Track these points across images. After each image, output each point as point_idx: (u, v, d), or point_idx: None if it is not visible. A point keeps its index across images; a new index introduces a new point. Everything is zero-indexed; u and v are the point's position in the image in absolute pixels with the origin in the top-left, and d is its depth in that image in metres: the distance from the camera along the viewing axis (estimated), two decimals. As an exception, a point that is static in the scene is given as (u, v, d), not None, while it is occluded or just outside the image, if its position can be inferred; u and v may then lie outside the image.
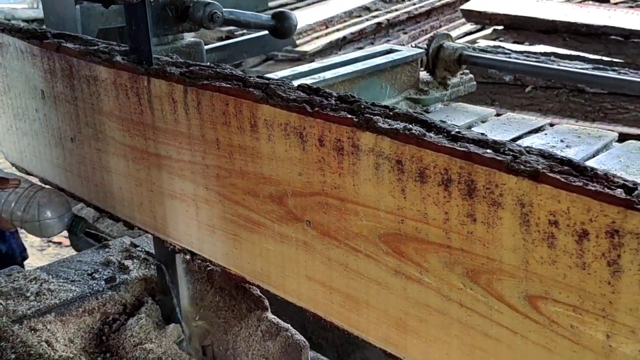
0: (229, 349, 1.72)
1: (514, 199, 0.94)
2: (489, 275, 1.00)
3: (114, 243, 2.04)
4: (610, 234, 0.86)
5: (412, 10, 6.88)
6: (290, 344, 1.59)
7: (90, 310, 1.79)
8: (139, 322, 1.77)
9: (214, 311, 1.76)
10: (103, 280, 1.85)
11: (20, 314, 1.69)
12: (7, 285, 1.81)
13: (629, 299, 0.86)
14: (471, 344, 1.06)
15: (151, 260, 1.88)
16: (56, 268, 1.92)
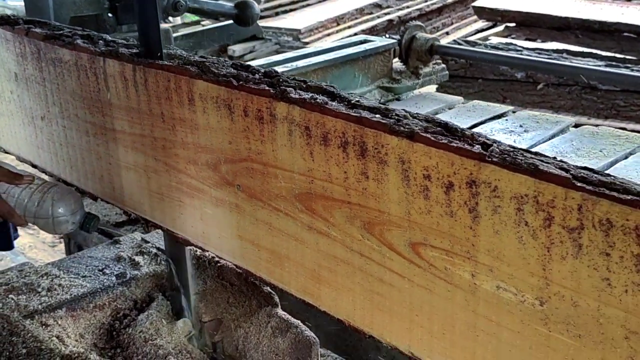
0: (239, 344, 1.74)
1: (396, 157, 1.07)
2: (381, 227, 1.13)
3: (125, 239, 2.04)
4: (469, 184, 0.99)
5: (424, 7, 6.80)
6: (300, 340, 1.61)
7: (101, 305, 1.79)
8: (150, 317, 1.76)
9: (224, 307, 1.78)
10: (114, 276, 1.85)
11: (32, 309, 1.70)
12: (19, 281, 1.80)
13: (487, 241, 0.99)
14: (370, 290, 1.19)
15: (162, 256, 1.90)
16: (67, 264, 1.92)
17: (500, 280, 1.00)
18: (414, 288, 1.12)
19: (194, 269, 1.77)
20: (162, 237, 1.82)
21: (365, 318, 1.23)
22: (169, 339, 1.74)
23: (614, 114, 4.49)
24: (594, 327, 0.91)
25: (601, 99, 4.47)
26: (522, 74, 4.56)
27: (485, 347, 1.05)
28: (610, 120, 4.36)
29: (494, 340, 1.04)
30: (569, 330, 0.94)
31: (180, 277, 1.78)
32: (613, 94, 4.39)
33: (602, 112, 4.49)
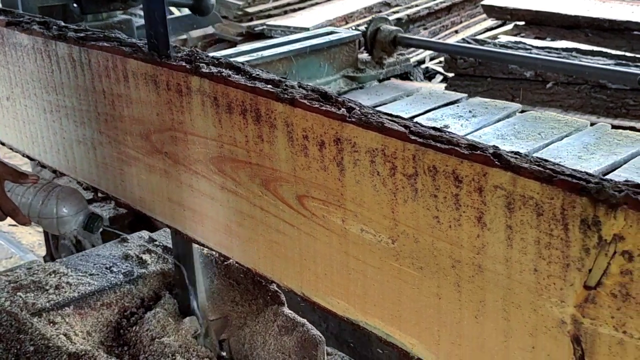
0: (246, 343, 1.77)
1: (282, 121, 1.24)
2: (274, 183, 1.31)
3: (132, 237, 2.06)
4: (336, 142, 1.16)
5: (433, 6, 6.75)
6: (306, 339, 1.63)
7: (108, 303, 1.81)
8: (157, 316, 1.77)
9: (231, 306, 1.80)
10: (121, 274, 1.86)
11: (39, 307, 1.70)
12: (27, 279, 1.81)
13: (351, 191, 1.17)
14: (270, 239, 1.37)
15: (169, 254, 1.91)
16: (75, 262, 1.93)
17: (363, 224, 1.17)
18: (301, 235, 1.29)
19: (201, 267, 1.79)
20: (169, 235, 1.83)
21: (267, 265, 1.40)
22: (175, 337, 1.75)
23: (623, 113, 4.43)
24: (431, 259, 1.08)
25: (611, 97, 4.39)
26: (531, 73, 4.48)
27: (356, 284, 1.22)
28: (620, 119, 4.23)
29: (361, 277, 1.21)
30: (414, 263, 1.11)
31: (187, 275, 1.79)
32: (623, 93, 4.24)
33: (612, 110, 4.36)
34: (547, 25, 5.15)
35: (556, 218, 0.91)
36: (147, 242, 1.99)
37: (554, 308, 0.95)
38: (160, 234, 2.03)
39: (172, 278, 1.87)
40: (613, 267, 0.87)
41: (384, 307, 1.19)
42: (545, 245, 0.93)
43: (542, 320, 0.97)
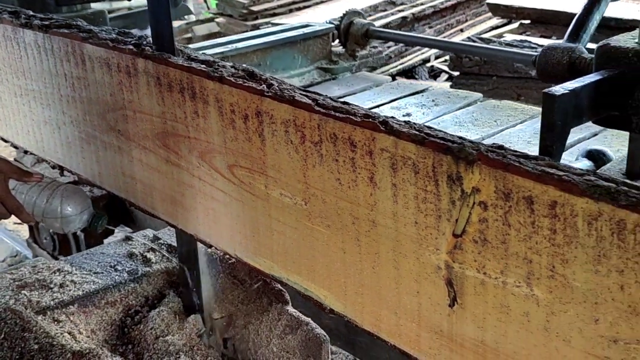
0: (250, 342, 1.77)
1: (214, 97, 1.38)
2: (209, 154, 1.44)
3: (137, 236, 2.07)
4: (257, 114, 1.30)
5: (438, 4, 6.70)
6: (310, 338, 1.64)
7: (112, 302, 1.81)
8: (161, 314, 1.78)
9: (235, 304, 1.81)
10: (126, 273, 1.87)
11: (44, 305, 1.71)
12: (32, 277, 1.82)
13: (271, 158, 1.30)
14: (207, 207, 1.50)
15: (173, 253, 1.93)
16: (79, 260, 1.94)
17: (281, 189, 1.30)
18: (232, 201, 1.43)
19: (205, 266, 1.80)
20: (174, 234, 1.84)
21: (206, 231, 1.54)
22: (179, 336, 1.76)
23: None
24: (336, 217, 1.22)
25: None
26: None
27: (278, 243, 1.36)
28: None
29: (282, 237, 1.34)
30: (323, 222, 1.25)
31: (191, 274, 1.80)
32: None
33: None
34: (552, 23, 5.12)
35: (429, 175, 1.04)
36: (152, 240, 2.02)
37: (432, 256, 1.08)
38: (164, 232, 2.04)
39: (176, 277, 1.88)
40: (473, 216, 1.01)
41: (301, 264, 1.32)
42: (422, 200, 1.07)
43: (423, 268, 1.11)
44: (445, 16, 6.89)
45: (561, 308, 0.94)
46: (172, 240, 1.92)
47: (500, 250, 0.99)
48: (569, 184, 0.89)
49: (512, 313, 1.00)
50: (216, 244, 1.52)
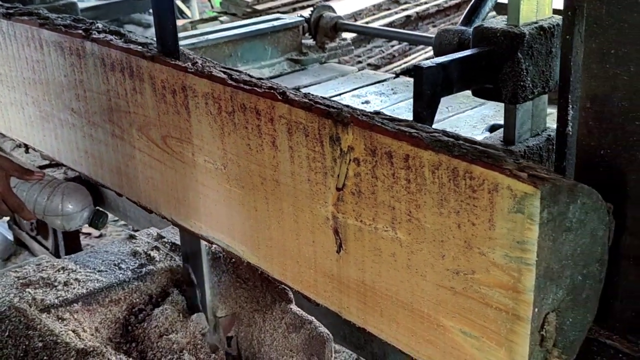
0: (253, 340, 1.80)
1: (148, 75, 1.54)
2: (146, 127, 1.60)
3: (141, 234, 2.08)
4: (182, 89, 1.46)
5: (442, 3, 6.69)
6: (314, 336, 1.65)
7: (116, 300, 1.81)
8: (164, 312, 1.79)
9: (239, 303, 1.83)
10: (130, 271, 1.87)
11: (48, 303, 1.72)
12: (36, 275, 1.82)
13: (195, 128, 1.46)
14: (146, 175, 1.66)
15: (177, 251, 1.94)
16: (84, 258, 1.95)
17: (205, 155, 1.46)
18: (167, 169, 1.59)
19: (209, 265, 1.82)
20: (177, 232, 1.86)
21: (147, 198, 1.70)
22: (183, 334, 1.77)
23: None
24: (248, 179, 1.38)
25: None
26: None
27: (204, 205, 1.52)
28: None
29: (207, 199, 1.50)
30: (238, 183, 1.41)
31: (195, 272, 1.81)
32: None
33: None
34: None
35: (316, 137, 1.20)
36: (155, 239, 2.03)
37: (322, 208, 1.24)
38: (168, 230, 2.06)
39: (180, 275, 1.90)
40: (350, 171, 1.17)
41: (223, 222, 1.49)
42: (312, 160, 1.23)
43: (316, 219, 1.27)
44: (449, 15, 6.85)
45: (417, 247, 1.10)
46: (176, 238, 1.95)
47: (371, 200, 1.15)
48: (417, 140, 1.05)
49: (383, 255, 1.17)
50: (156, 209, 1.69)
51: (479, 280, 1.03)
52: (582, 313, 1.07)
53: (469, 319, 1.07)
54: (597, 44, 1.09)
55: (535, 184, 0.93)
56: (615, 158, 1.12)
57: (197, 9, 8.67)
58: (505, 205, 0.96)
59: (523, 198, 0.94)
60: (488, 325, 1.04)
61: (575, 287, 1.05)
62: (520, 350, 1.01)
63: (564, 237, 0.99)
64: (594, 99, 1.12)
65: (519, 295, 0.99)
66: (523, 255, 0.96)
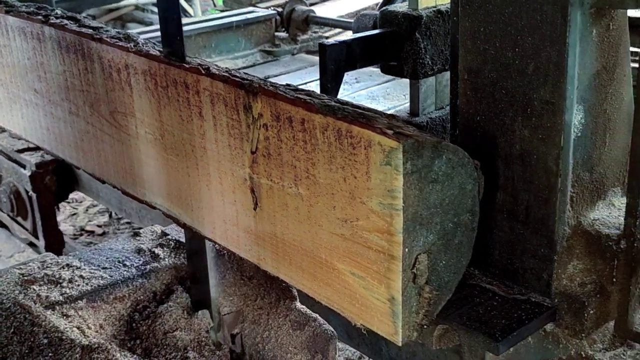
0: (258, 337, 1.81)
1: (98, 56, 1.69)
2: (97, 104, 1.76)
3: (145, 231, 2.08)
4: (125, 67, 1.61)
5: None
6: (318, 334, 1.66)
7: (121, 297, 1.81)
8: (169, 309, 1.79)
9: (243, 300, 1.84)
10: (134, 268, 1.87)
11: (53, 300, 1.72)
12: (40, 272, 1.83)
13: (137, 103, 1.62)
14: (98, 149, 1.82)
15: (181, 248, 1.94)
16: (88, 255, 1.95)
17: (146, 127, 1.62)
18: (115, 142, 1.75)
19: (213, 262, 1.82)
20: (182, 230, 1.85)
21: (100, 170, 1.85)
22: (188, 331, 1.77)
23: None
24: (181, 147, 1.54)
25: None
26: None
27: (147, 173, 1.68)
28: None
29: (149, 168, 1.66)
30: (173, 152, 1.56)
31: (199, 269, 1.83)
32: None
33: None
34: None
35: (233, 106, 1.36)
36: (160, 236, 2.04)
37: (240, 170, 1.40)
38: (173, 228, 2.06)
39: (184, 272, 1.91)
40: (260, 135, 1.33)
41: (162, 188, 1.65)
42: (231, 127, 1.39)
43: (236, 181, 1.43)
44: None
45: (315, 201, 1.26)
46: (180, 236, 1.96)
47: (278, 160, 1.31)
48: (310, 105, 1.21)
49: (289, 209, 1.32)
50: (107, 180, 1.84)
51: (362, 226, 1.19)
52: (455, 257, 1.23)
53: (356, 261, 1.22)
54: (469, 23, 1.24)
55: (399, 139, 1.09)
56: (488, 123, 1.28)
57: (200, 7, 8.81)
58: (378, 159, 1.12)
59: (390, 152, 1.10)
60: (370, 266, 1.20)
61: (447, 233, 1.20)
62: (396, 286, 1.17)
63: (430, 187, 1.14)
64: (470, 71, 1.27)
65: (391, 237, 1.14)
66: (393, 202, 1.12)
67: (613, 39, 1.22)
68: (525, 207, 1.28)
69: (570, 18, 1.13)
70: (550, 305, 1.29)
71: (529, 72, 1.19)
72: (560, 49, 1.15)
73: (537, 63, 1.18)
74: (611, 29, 1.21)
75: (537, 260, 1.29)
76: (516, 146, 1.25)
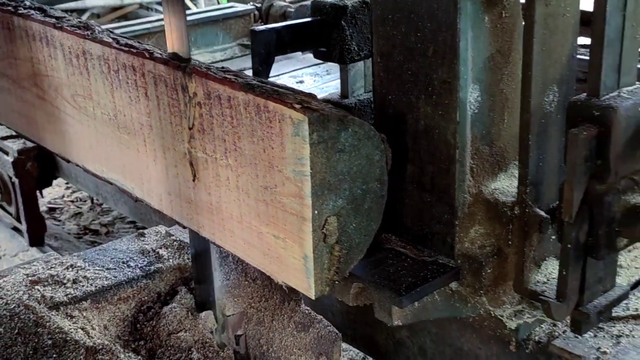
0: (262, 338, 1.82)
1: (59, 42, 1.84)
2: (60, 87, 1.90)
3: (149, 232, 2.08)
4: (83, 53, 1.75)
5: None
6: (322, 335, 1.67)
7: (125, 298, 1.82)
8: (173, 310, 1.80)
9: (248, 301, 1.84)
10: (138, 269, 1.87)
11: (57, 301, 1.72)
12: (45, 272, 1.83)
13: (94, 86, 1.76)
14: (63, 129, 1.96)
15: (185, 249, 1.95)
16: (92, 256, 1.96)
17: (102, 108, 1.77)
18: (76, 123, 1.89)
19: (217, 263, 1.83)
20: (186, 230, 1.83)
21: (65, 150, 2.00)
22: (192, 332, 1.77)
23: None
24: (131, 126, 1.68)
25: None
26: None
27: (105, 151, 1.82)
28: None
29: (105, 146, 1.80)
30: (125, 130, 1.71)
31: (204, 271, 1.83)
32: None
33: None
34: None
35: (172, 87, 1.50)
36: (164, 237, 2.05)
37: (181, 145, 1.54)
38: (177, 229, 2.06)
39: (188, 273, 1.92)
40: (195, 113, 1.47)
41: (117, 164, 1.79)
42: (172, 105, 1.53)
43: (178, 155, 1.57)
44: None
45: (242, 171, 1.40)
46: (185, 236, 1.97)
47: (211, 135, 1.45)
48: (234, 84, 1.35)
49: (221, 179, 1.47)
50: (71, 159, 1.99)
51: (280, 192, 1.33)
52: (365, 221, 1.37)
53: (276, 224, 1.37)
54: (380, 11, 1.38)
55: (306, 113, 1.23)
56: (398, 102, 1.42)
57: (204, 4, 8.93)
58: (289, 131, 1.26)
59: (298, 124, 1.24)
60: (288, 227, 1.34)
61: (356, 199, 1.34)
62: (308, 245, 1.31)
63: (337, 156, 1.28)
64: (382, 55, 1.42)
65: (302, 200, 1.29)
66: (302, 169, 1.26)
67: (507, 25, 1.36)
68: (430, 178, 1.43)
69: (460, 6, 1.27)
70: (454, 266, 1.44)
71: (429, 54, 1.34)
72: (453, 34, 1.29)
73: (435, 46, 1.32)
74: (504, 16, 1.35)
75: (442, 225, 1.43)
76: (421, 122, 1.40)
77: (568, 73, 1.34)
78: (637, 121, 1.20)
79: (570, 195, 1.20)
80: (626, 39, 1.21)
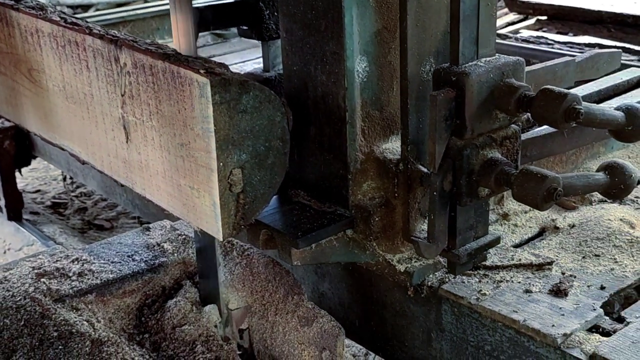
0: (266, 332, 1.85)
1: (16, 22, 2.04)
2: (19, 63, 2.10)
3: (154, 226, 2.11)
4: (36, 31, 1.96)
5: None
6: (326, 329, 1.71)
7: (130, 291, 1.84)
8: (178, 304, 1.82)
9: (252, 295, 1.88)
10: (143, 262, 1.90)
11: (63, 294, 1.75)
12: (50, 265, 1.85)
13: (46, 61, 1.96)
14: (22, 102, 2.17)
15: (190, 243, 1.98)
16: (98, 249, 1.99)
17: (53, 81, 1.97)
18: (32, 95, 2.10)
19: (222, 257, 1.87)
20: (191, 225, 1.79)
21: (26, 121, 2.20)
22: (196, 326, 1.80)
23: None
24: (77, 96, 1.88)
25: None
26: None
27: (56, 120, 2.02)
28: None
29: (57, 115, 2.01)
30: (72, 100, 1.91)
31: (208, 265, 1.86)
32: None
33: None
34: (569, 20, 5.06)
35: (107, 58, 1.71)
36: (169, 231, 2.07)
37: (116, 111, 1.75)
38: (182, 223, 2.09)
39: (193, 267, 1.95)
40: (126, 81, 1.67)
41: (67, 132, 2.00)
42: (108, 75, 1.73)
43: (114, 120, 1.77)
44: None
45: (163, 131, 1.61)
46: (189, 231, 2.01)
47: (138, 100, 1.66)
48: (154, 54, 1.56)
49: (148, 139, 1.67)
50: (31, 130, 2.19)
51: (193, 147, 1.54)
52: (269, 174, 1.58)
53: (192, 177, 1.57)
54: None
55: (209, 76, 1.43)
56: (301, 72, 1.63)
57: None
58: (197, 93, 1.47)
59: (203, 86, 1.45)
60: (200, 179, 1.55)
61: (259, 154, 1.55)
62: (215, 192, 1.51)
63: (240, 116, 1.49)
64: (286, 30, 1.62)
65: (210, 154, 1.49)
66: (208, 126, 1.47)
67: (392, 5, 1.56)
68: (328, 138, 1.63)
69: (344, -14, 1.48)
70: (348, 215, 1.64)
71: (322, 29, 1.54)
72: (339, 11, 1.49)
73: (326, 22, 1.52)
74: (389, -4, 1.56)
75: (338, 180, 1.64)
76: (319, 89, 1.60)
77: (444, 47, 1.54)
78: (489, 86, 1.41)
79: (433, 148, 1.41)
80: (482, 15, 1.41)
